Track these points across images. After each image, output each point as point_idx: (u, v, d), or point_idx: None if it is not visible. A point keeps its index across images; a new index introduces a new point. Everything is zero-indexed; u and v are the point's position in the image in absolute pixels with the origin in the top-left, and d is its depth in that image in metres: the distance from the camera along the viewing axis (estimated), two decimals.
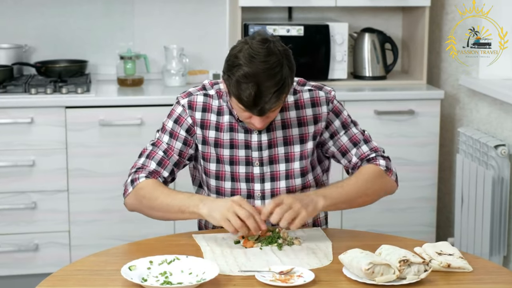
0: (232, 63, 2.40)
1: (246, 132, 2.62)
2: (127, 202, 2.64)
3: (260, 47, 2.38)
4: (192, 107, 2.64)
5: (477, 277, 2.26)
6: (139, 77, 4.42)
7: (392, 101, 4.23)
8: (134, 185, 2.60)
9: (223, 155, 2.63)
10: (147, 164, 2.64)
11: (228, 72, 2.41)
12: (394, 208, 4.29)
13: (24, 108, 3.99)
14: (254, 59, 2.36)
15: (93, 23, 4.53)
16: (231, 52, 2.43)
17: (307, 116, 2.64)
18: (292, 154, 2.64)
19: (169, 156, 2.64)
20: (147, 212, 2.61)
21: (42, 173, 4.03)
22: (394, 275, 2.16)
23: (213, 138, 2.64)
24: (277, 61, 2.38)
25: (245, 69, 2.36)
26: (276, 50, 2.40)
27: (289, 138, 2.63)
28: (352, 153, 2.67)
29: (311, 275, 2.20)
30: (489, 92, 3.92)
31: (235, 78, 2.38)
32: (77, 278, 2.24)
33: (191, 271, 2.23)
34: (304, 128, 2.64)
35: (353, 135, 2.68)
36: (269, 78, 2.36)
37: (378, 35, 4.49)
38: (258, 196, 2.65)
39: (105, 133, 4.05)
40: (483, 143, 3.86)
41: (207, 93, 2.65)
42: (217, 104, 2.63)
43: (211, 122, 2.63)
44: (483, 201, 3.86)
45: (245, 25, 4.24)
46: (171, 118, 2.66)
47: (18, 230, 4.07)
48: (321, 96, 2.66)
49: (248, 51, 2.38)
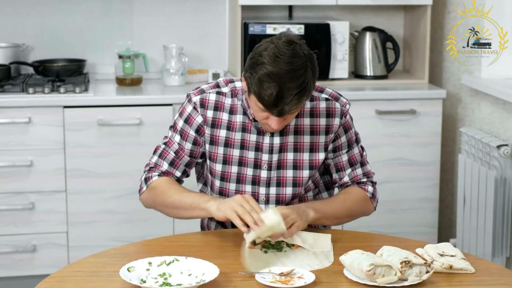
0: (256, 61, 2.39)
1: (258, 133, 2.61)
2: (142, 199, 2.71)
3: (286, 48, 2.38)
4: (204, 105, 2.63)
5: (480, 278, 2.26)
6: (138, 76, 4.41)
7: (393, 100, 4.22)
8: (148, 184, 2.65)
9: (232, 155, 2.63)
10: (159, 164, 2.67)
11: (251, 69, 2.41)
12: (395, 209, 4.29)
13: (22, 108, 3.98)
14: (279, 59, 2.36)
15: (91, 22, 4.52)
16: (255, 50, 2.43)
17: (320, 126, 2.64)
18: (300, 162, 2.64)
19: (180, 157, 2.66)
20: (161, 209, 2.67)
21: (40, 173, 4.02)
22: (396, 276, 2.16)
23: (224, 137, 2.62)
24: (302, 63, 2.37)
25: (269, 68, 2.35)
26: (302, 53, 2.39)
27: (299, 144, 2.63)
28: (346, 173, 2.72)
29: (311, 276, 2.20)
30: (491, 91, 3.93)
31: (258, 76, 2.37)
32: (75, 279, 2.23)
33: (191, 272, 2.22)
34: (315, 137, 2.64)
35: (353, 156, 2.72)
36: (292, 80, 2.35)
37: (380, 34, 4.48)
38: (262, 201, 2.65)
39: (104, 133, 4.04)
40: (486, 143, 3.86)
41: (220, 91, 2.64)
42: (230, 102, 2.62)
43: (223, 121, 2.62)
44: (486, 201, 3.86)
45: (245, 24, 4.24)
46: (182, 117, 2.66)
47: (16, 231, 4.06)
48: (336, 107, 2.66)
49: (273, 50, 2.37)
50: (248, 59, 2.45)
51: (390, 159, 4.23)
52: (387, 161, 4.23)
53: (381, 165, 4.18)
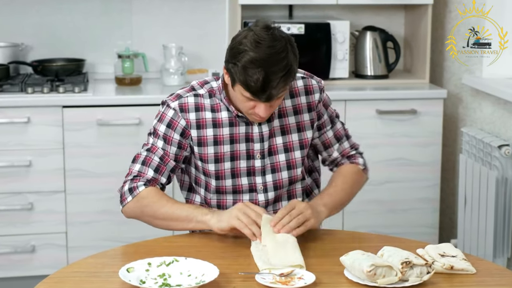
0: (238, 50, 2.40)
1: (247, 124, 2.61)
2: (125, 210, 2.64)
3: (265, 33, 2.41)
4: (185, 109, 2.61)
5: (481, 279, 2.26)
6: (137, 76, 4.41)
7: (394, 100, 4.22)
8: (134, 194, 2.59)
9: (223, 152, 2.61)
10: (143, 171, 2.62)
11: (233, 59, 2.42)
12: (396, 209, 4.29)
13: (21, 108, 3.98)
14: (260, 45, 2.38)
15: (90, 21, 4.52)
16: (234, 40, 2.45)
17: (301, 104, 2.67)
18: (290, 144, 2.66)
19: (166, 163, 2.62)
20: (148, 220, 2.63)
21: (39, 173, 4.02)
22: (396, 277, 2.16)
23: (212, 136, 2.61)
24: (283, 46, 2.41)
25: (252, 54, 2.37)
26: (280, 37, 2.42)
27: (286, 127, 2.65)
28: (334, 148, 2.77)
29: (312, 277, 2.19)
30: (492, 91, 3.93)
31: (242, 64, 2.38)
32: (74, 280, 2.23)
33: (190, 273, 2.22)
34: (300, 116, 2.66)
35: (337, 130, 2.77)
36: (276, 63, 2.38)
37: (380, 34, 4.48)
38: (260, 190, 2.66)
39: (103, 133, 4.03)
40: (487, 143, 3.85)
41: (197, 93, 2.63)
42: (210, 102, 2.62)
43: (207, 120, 2.61)
44: (487, 202, 3.86)
45: (245, 23, 4.22)
46: (163, 122, 2.62)
47: (15, 231, 4.06)
48: (313, 84, 2.69)
49: (253, 37, 2.39)
50: (228, 50, 2.46)
51: (390, 159, 4.23)
52: (388, 161, 4.23)
53: (381, 165, 4.19)
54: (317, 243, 2.50)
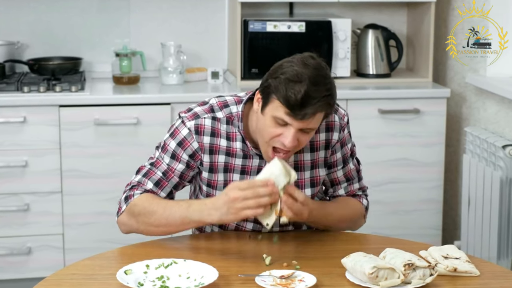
0: (282, 66, 2.37)
1: (260, 158, 2.54)
2: (120, 221, 2.58)
3: (311, 59, 2.38)
4: (200, 132, 2.53)
5: (484, 281, 2.26)
6: (135, 75, 4.39)
7: (396, 99, 4.22)
8: (128, 202, 2.53)
9: (232, 180, 2.55)
10: (143, 182, 2.56)
11: (275, 74, 2.37)
12: (398, 210, 4.29)
13: (16, 107, 3.97)
14: (307, 65, 2.35)
15: (87, 19, 4.52)
16: (273, 68, 2.41)
17: (320, 141, 2.60)
18: (302, 181, 2.59)
19: (169, 178, 2.55)
20: (146, 230, 2.53)
21: (35, 174, 4.01)
22: (399, 279, 2.16)
23: (223, 163, 2.55)
24: (328, 73, 2.40)
25: (298, 69, 2.34)
26: (326, 66, 2.41)
27: (300, 163, 2.58)
28: (341, 186, 2.70)
29: (313, 279, 2.20)
30: (496, 90, 3.93)
31: (286, 76, 2.34)
32: (71, 282, 2.24)
33: (189, 275, 2.22)
34: (316, 154, 2.60)
35: (348, 171, 2.69)
36: (321, 83, 2.34)
37: (382, 32, 4.48)
38: None
39: (100, 133, 4.02)
40: (491, 143, 3.85)
41: (215, 116, 2.55)
42: (226, 129, 2.54)
43: (221, 147, 2.54)
44: (491, 203, 3.85)
45: (244, 21, 4.23)
46: (175, 139, 2.55)
47: (10, 233, 4.05)
48: (335, 121, 2.61)
49: (300, 59, 2.38)
50: (266, 75, 2.40)
51: (393, 159, 4.22)
52: (390, 161, 4.22)
53: (384, 166, 4.19)
54: (318, 244, 2.51)
